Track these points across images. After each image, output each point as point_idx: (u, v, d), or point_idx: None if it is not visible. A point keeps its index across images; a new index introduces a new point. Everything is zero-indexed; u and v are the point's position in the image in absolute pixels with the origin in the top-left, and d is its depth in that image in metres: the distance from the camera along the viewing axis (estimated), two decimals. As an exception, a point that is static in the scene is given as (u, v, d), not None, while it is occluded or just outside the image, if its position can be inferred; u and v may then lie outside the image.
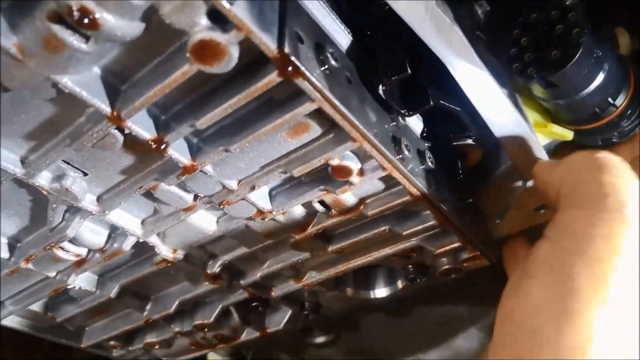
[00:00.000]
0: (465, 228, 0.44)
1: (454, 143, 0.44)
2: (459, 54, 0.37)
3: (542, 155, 0.48)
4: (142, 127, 0.34)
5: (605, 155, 0.35)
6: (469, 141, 0.44)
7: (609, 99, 0.47)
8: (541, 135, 0.55)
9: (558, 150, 0.56)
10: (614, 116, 0.48)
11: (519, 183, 0.50)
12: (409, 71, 0.35)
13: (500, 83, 0.49)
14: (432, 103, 0.38)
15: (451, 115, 0.43)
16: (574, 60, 0.41)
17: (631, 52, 0.62)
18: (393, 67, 0.36)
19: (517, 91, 0.53)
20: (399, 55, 0.36)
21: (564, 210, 0.34)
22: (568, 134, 0.54)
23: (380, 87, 0.38)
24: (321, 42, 0.33)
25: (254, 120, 0.34)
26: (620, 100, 0.48)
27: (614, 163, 0.34)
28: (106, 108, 0.32)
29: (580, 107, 0.47)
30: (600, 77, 0.45)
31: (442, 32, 0.35)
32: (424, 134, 0.44)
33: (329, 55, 0.32)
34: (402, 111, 0.38)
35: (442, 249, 0.46)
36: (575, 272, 0.30)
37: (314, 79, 0.30)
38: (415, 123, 0.44)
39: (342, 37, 0.37)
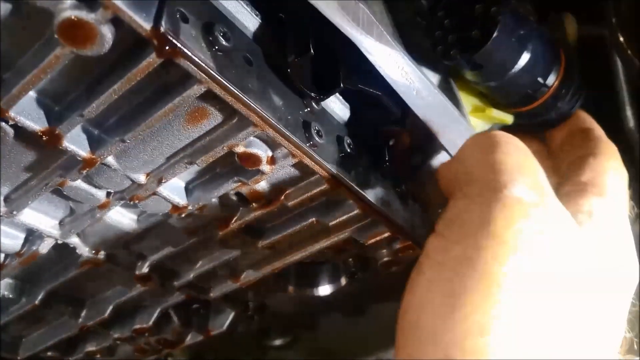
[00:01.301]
0: (394, 216, 0.42)
1: (380, 129, 0.43)
2: (368, 32, 0.35)
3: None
4: (29, 117, 0.32)
5: (494, 133, 0.33)
6: (396, 127, 0.43)
7: (539, 79, 0.46)
8: (481, 120, 0.53)
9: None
10: (547, 96, 0.47)
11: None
12: (312, 51, 0.34)
13: (434, 69, 0.48)
14: (342, 85, 0.36)
15: (377, 100, 0.42)
16: (493, 37, 0.40)
17: (579, 38, 0.62)
18: (297, 48, 0.34)
19: (453, 77, 0.51)
20: (303, 36, 0.34)
21: (453, 200, 0.32)
22: (507, 118, 0.53)
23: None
24: (213, 21, 0.31)
25: (147, 108, 0.33)
26: (552, 80, 0.47)
27: (504, 139, 0.32)
28: (-17, 98, 0.31)
29: (512, 88, 0.46)
30: (525, 57, 0.43)
31: (347, 10, 0.34)
32: (351, 121, 0.43)
33: (218, 35, 0.30)
34: (312, 95, 0.36)
35: (373, 240, 0.45)
36: (461, 269, 0.28)
37: (197, 59, 0.29)
38: (340, 109, 0.42)
39: (248, 18, 0.36)
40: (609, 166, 0.38)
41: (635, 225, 0.64)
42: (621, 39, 0.56)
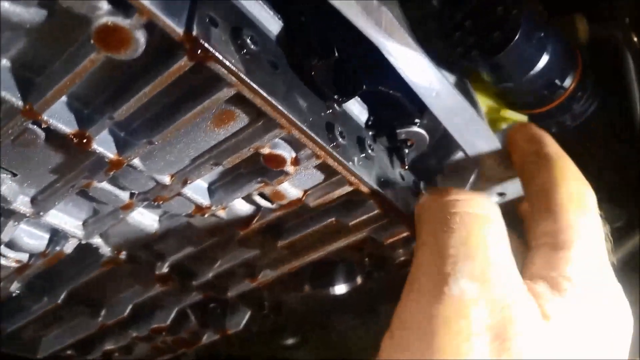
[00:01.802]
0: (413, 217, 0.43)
1: (398, 130, 0.43)
2: (390, 35, 0.36)
3: (492, 139, 0.47)
4: (61, 121, 0.33)
5: (449, 199, 0.30)
6: (414, 128, 0.44)
7: (556, 81, 0.46)
8: (496, 121, 0.54)
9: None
10: (563, 98, 0.48)
11: (473, 170, 0.49)
12: (336, 54, 0.34)
13: (450, 70, 0.49)
14: (365, 87, 0.37)
15: (395, 102, 0.42)
16: (514, 40, 0.41)
17: (590, 38, 0.62)
18: (320, 51, 0.35)
19: (468, 78, 0.52)
20: (327, 39, 0.35)
21: (404, 292, 0.31)
22: (522, 119, 0.53)
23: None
24: (240, 26, 0.32)
25: (175, 110, 0.33)
26: (569, 82, 0.47)
27: (456, 208, 0.30)
28: (17, 101, 0.31)
29: (529, 89, 0.47)
30: (544, 59, 0.44)
31: (370, 14, 0.34)
32: (370, 123, 0.43)
33: (246, 39, 0.31)
34: (335, 97, 0.37)
35: (392, 239, 0.45)
36: None
37: (227, 62, 0.29)
38: (359, 111, 0.43)
39: (271, 22, 0.36)
40: (566, 200, 0.33)
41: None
42: (635, 38, 0.57)
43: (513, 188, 0.49)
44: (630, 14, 0.56)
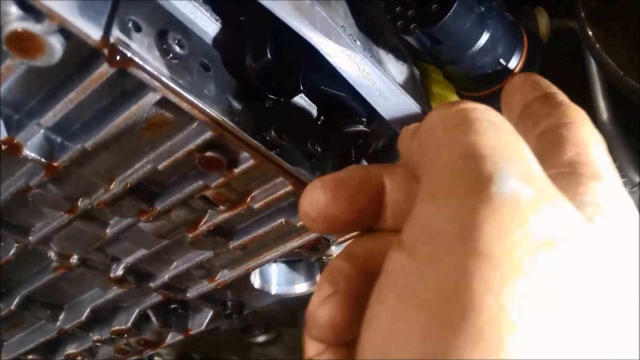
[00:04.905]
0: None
1: (345, 130, 0.43)
2: (326, 35, 0.36)
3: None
4: (-12, 127, 0.33)
5: (463, 105, 0.24)
6: (361, 127, 0.43)
7: (501, 60, 0.46)
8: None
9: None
10: (509, 79, 0.48)
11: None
12: (269, 55, 0.34)
13: (404, 61, 0.49)
14: (302, 89, 0.36)
15: (340, 102, 0.42)
16: (452, 11, 0.40)
17: (551, 31, 0.62)
18: (254, 53, 0.34)
19: (422, 71, 0.52)
20: (261, 40, 0.35)
21: (419, 201, 0.23)
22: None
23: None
24: (167, 28, 0.31)
25: (107, 115, 0.33)
26: (514, 63, 0.47)
27: (476, 113, 0.23)
28: (-61, 109, 0.31)
29: (473, 69, 0.46)
30: (485, 36, 0.44)
31: (303, 13, 0.34)
32: (319, 122, 0.43)
33: (172, 43, 0.30)
34: (274, 98, 0.37)
35: (343, 238, 0.45)
36: (441, 305, 0.20)
37: (149, 68, 0.29)
38: (307, 110, 0.42)
39: (207, 23, 0.36)
40: (588, 137, 0.29)
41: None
42: (590, 33, 0.57)
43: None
44: (585, 8, 0.56)
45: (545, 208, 0.21)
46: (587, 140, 0.29)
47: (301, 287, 0.57)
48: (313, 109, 0.43)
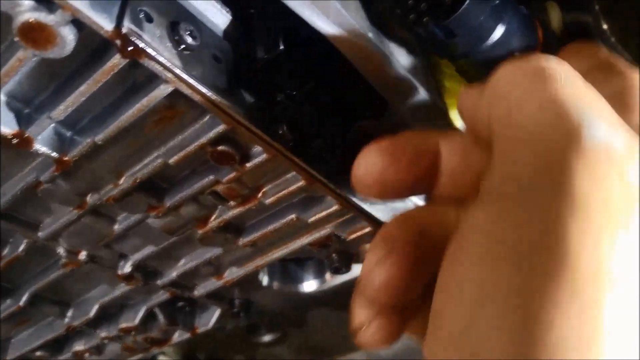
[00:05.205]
0: (372, 211, 0.42)
1: (356, 123, 0.42)
2: (339, 26, 0.35)
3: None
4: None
5: (539, 56, 0.23)
6: (372, 121, 0.43)
7: (515, 54, 0.46)
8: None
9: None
10: None
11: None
12: (282, 47, 0.34)
13: (415, 54, 0.48)
14: (314, 82, 0.36)
15: (353, 95, 0.42)
16: (467, 2, 0.40)
17: (562, 26, 0.61)
18: (266, 46, 0.34)
19: (433, 66, 0.51)
20: (272, 33, 0.34)
21: (500, 153, 0.21)
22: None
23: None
24: (179, 20, 0.31)
25: (118, 108, 0.33)
26: None
27: (558, 67, 0.22)
28: (-50, 101, 0.30)
29: (487, 62, 0.46)
30: (500, 29, 0.43)
31: (316, 4, 0.34)
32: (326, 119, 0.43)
33: (184, 34, 0.30)
34: (286, 91, 0.36)
35: (355, 235, 0.45)
36: (525, 250, 0.18)
37: (161, 59, 0.28)
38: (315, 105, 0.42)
39: (217, 16, 0.35)
40: None
41: None
42: (605, 26, 0.56)
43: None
44: (600, 1, 0.56)
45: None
46: None
47: (310, 285, 0.57)
48: (323, 102, 0.43)
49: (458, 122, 0.51)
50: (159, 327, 0.58)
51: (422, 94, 0.42)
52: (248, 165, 0.36)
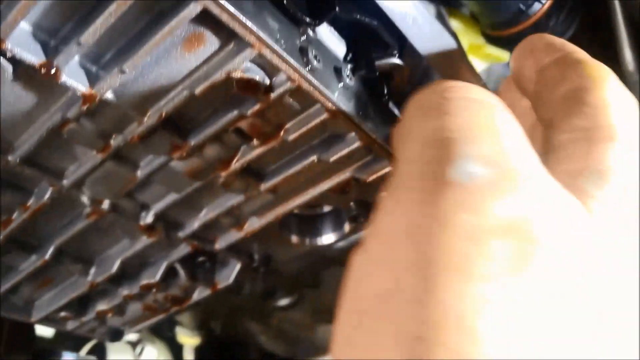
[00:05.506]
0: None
1: (377, 62, 0.43)
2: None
3: (472, 72, 0.46)
4: (27, 50, 0.33)
5: (442, 85, 0.22)
6: (393, 60, 0.43)
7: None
8: (477, 59, 0.54)
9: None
10: (541, 14, 0.47)
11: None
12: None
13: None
14: (337, 9, 0.36)
15: (372, 32, 0.42)
16: None
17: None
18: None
19: (449, 12, 0.51)
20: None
21: (387, 193, 0.22)
22: (504, 55, 0.53)
23: None
24: None
25: (144, 36, 0.33)
26: None
27: (453, 93, 0.22)
28: (-22, 26, 0.31)
29: (503, 4, 0.46)
30: None
31: None
32: (348, 57, 0.43)
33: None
34: (307, 20, 0.36)
35: (375, 175, 0.45)
36: (377, 303, 0.19)
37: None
38: (336, 44, 0.42)
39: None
40: (611, 97, 0.26)
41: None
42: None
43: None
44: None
45: (507, 190, 0.19)
46: (608, 101, 0.26)
47: (329, 238, 0.57)
48: (342, 43, 0.43)
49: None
50: (179, 284, 0.58)
51: (443, 30, 0.42)
52: (272, 95, 0.36)
